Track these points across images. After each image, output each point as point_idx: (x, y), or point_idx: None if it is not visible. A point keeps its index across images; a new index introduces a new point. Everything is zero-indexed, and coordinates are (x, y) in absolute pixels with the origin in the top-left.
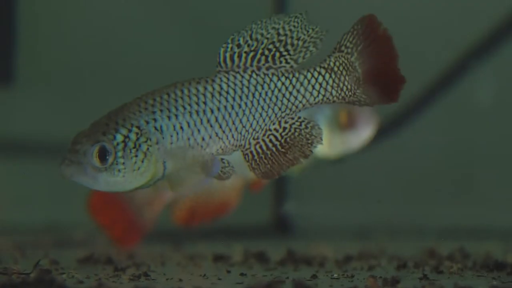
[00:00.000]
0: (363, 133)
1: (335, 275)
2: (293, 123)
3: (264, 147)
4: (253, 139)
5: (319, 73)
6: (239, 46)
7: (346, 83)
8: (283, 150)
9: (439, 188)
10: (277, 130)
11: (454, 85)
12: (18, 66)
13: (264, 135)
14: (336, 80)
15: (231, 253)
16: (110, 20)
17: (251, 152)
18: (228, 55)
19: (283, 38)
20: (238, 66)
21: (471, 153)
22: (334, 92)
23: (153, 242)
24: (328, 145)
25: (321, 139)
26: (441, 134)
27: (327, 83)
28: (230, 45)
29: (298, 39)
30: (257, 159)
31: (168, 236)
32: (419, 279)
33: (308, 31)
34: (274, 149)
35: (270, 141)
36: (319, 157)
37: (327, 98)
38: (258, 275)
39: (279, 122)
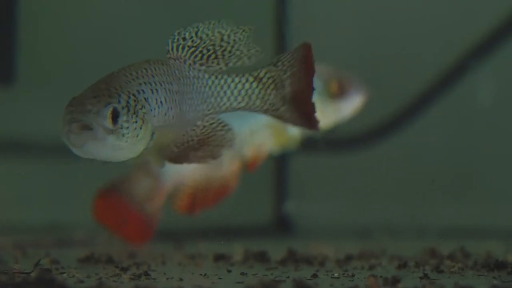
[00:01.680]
0: (354, 101)
1: (336, 275)
2: (213, 123)
3: (184, 139)
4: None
5: (247, 80)
6: (184, 39)
7: (271, 97)
8: (197, 145)
9: (439, 188)
10: (198, 127)
11: (454, 86)
12: (19, 67)
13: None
14: (262, 92)
15: (231, 253)
16: (111, 20)
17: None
18: (174, 45)
19: (224, 44)
20: (180, 57)
21: (472, 152)
22: (258, 103)
23: (154, 242)
24: (320, 116)
25: (232, 144)
26: (441, 133)
27: (253, 92)
28: (176, 37)
29: (237, 50)
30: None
31: (169, 236)
32: (420, 279)
33: (248, 48)
34: (190, 143)
35: (190, 135)
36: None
37: (250, 107)
38: (259, 274)
39: (203, 119)
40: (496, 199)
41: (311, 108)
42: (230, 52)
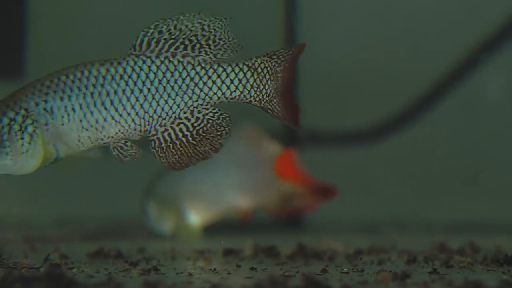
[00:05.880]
0: None
1: (345, 270)
2: (207, 114)
3: (173, 136)
4: (160, 125)
5: (241, 69)
6: (160, 32)
7: (267, 86)
8: (193, 141)
9: (449, 183)
10: (188, 120)
11: (463, 81)
12: (28, 62)
13: (173, 123)
14: (258, 81)
15: (241, 248)
16: (118, 18)
17: (157, 138)
18: (146, 39)
19: (206, 34)
20: (152, 51)
21: (480, 147)
22: (252, 92)
23: (163, 237)
24: None
25: (229, 132)
26: (449, 128)
27: (247, 80)
28: (151, 31)
29: (220, 39)
30: (164, 147)
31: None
32: (429, 273)
33: (228, 37)
34: (184, 139)
35: (180, 130)
36: None
37: (244, 96)
38: (268, 269)
39: (192, 111)
40: (505, 194)
41: (296, 105)
42: (214, 41)
